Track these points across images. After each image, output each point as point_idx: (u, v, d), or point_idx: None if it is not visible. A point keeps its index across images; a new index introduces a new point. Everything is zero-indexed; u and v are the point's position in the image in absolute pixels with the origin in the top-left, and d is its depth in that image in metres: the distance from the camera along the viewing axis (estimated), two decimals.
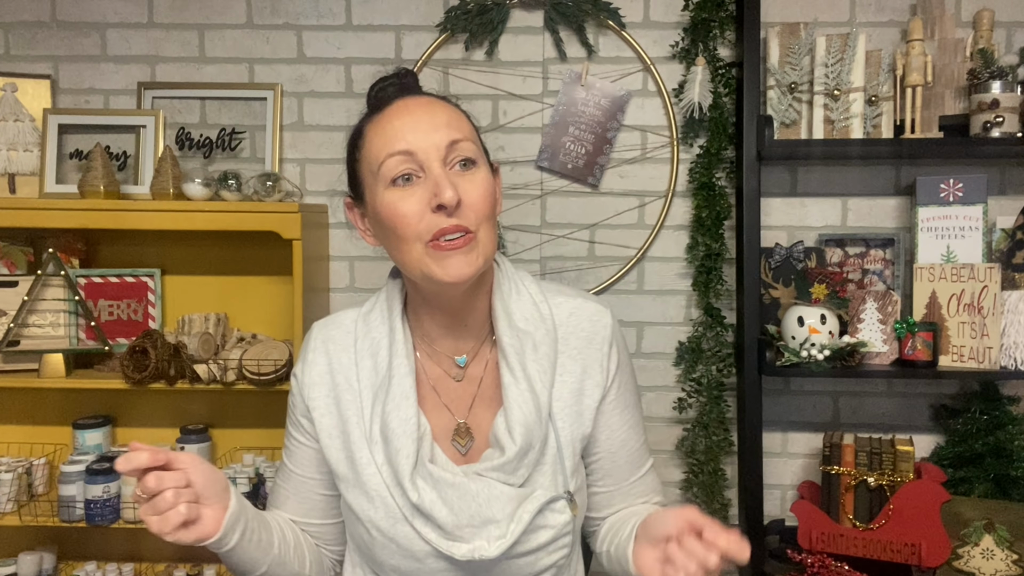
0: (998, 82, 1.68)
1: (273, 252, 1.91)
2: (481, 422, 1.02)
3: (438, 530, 0.95)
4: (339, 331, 1.06)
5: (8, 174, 1.93)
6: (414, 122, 0.94)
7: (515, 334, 1.00)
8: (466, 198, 0.92)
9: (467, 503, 0.95)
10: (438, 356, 1.04)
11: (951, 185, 1.76)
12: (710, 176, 1.90)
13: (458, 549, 0.94)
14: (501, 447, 0.97)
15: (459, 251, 0.91)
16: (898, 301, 1.77)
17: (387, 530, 0.97)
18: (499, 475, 0.96)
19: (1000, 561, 1.64)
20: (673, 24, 1.95)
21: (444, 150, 0.93)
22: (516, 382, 0.98)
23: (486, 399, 1.03)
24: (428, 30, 1.98)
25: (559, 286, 1.11)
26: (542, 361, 1.00)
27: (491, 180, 0.97)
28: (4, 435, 2.01)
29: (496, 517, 0.95)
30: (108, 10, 2.00)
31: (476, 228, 0.93)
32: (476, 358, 1.04)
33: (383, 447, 0.97)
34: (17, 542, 1.95)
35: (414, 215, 0.92)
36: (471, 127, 0.99)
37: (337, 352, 1.04)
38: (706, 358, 1.93)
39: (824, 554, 1.68)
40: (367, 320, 1.05)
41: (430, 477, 0.95)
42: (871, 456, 1.68)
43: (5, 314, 1.84)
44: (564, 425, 1.01)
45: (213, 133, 1.99)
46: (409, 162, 0.93)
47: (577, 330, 1.04)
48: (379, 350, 1.02)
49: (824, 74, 1.76)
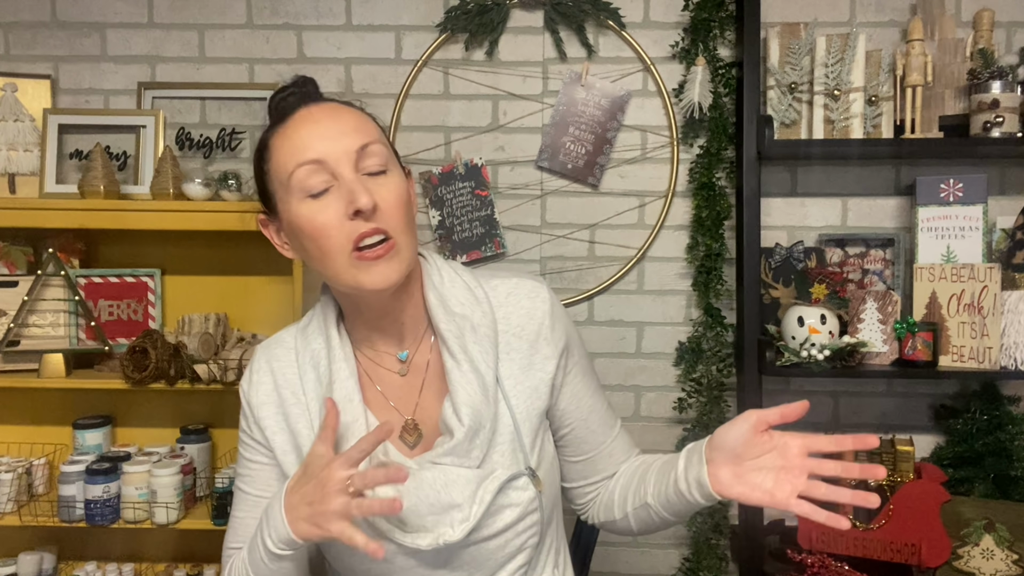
0: (998, 82, 1.68)
1: (273, 252, 1.87)
2: (432, 413, 1.02)
3: (401, 525, 0.95)
4: (280, 348, 1.06)
5: (8, 174, 1.93)
6: (321, 130, 0.93)
7: (452, 319, 1.00)
8: (382, 203, 0.91)
9: (425, 492, 0.94)
10: (380, 356, 1.04)
11: (951, 185, 1.76)
12: (710, 176, 1.90)
13: (422, 540, 0.94)
14: (451, 431, 0.97)
15: (382, 260, 0.92)
16: (898, 301, 1.77)
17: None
18: (452, 459, 0.96)
19: (1000, 561, 1.64)
20: (673, 24, 1.95)
21: (355, 155, 0.92)
22: (458, 365, 0.98)
23: (432, 390, 1.03)
24: (428, 30, 1.98)
25: (493, 271, 1.11)
26: (483, 342, 1.00)
27: (404, 184, 0.97)
28: (4, 435, 2.01)
29: (456, 501, 0.94)
30: (108, 10, 2.00)
31: (395, 233, 0.92)
32: (418, 351, 1.04)
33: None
34: (17, 542, 1.95)
35: (333, 225, 0.91)
36: (378, 130, 0.98)
37: (281, 368, 1.04)
38: (706, 358, 1.93)
39: (824, 554, 1.68)
40: (305, 334, 1.05)
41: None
42: (871, 456, 1.68)
43: (5, 314, 1.84)
44: (518, 402, 1.01)
45: (213, 133, 1.99)
46: (320, 171, 0.91)
47: (517, 308, 1.04)
48: (319, 360, 1.02)
49: (824, 74, 1.76)
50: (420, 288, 1.04)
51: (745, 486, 0.90)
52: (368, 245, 0.91)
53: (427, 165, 1.99)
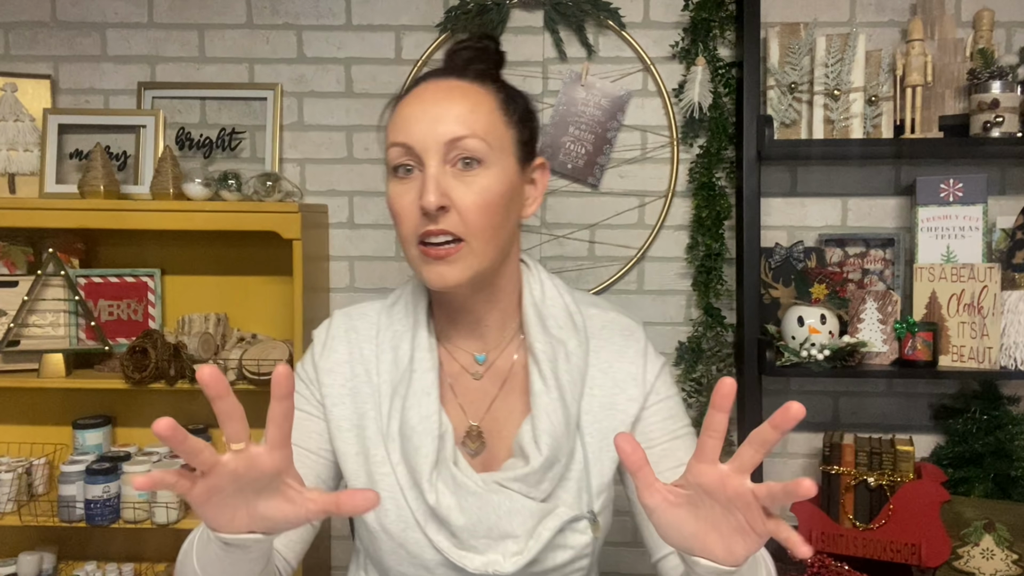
0: (998, 82, 1.68)
1: (273, 252, 1.91)
2: (502, 427, 0.97)
3: (452, 538, 0.91)
4: (363, 322, 1.02)
5: (8, 174, 1.93)
6: (421, 112, 0.88)
7: (549, 341, 0.96)
8: (459, 203, 0.86)
9: (486, 514, 0.90)
10: (457, 352, 1.00)
11: (951, 185, 1.76)
12: (710, 176, 1.90)
13: (471, 561, 0.90)
14: (525, 456, 0.92)
15: (443, 261, 0.87)
16: (898, 301, 1.77)
17: (397, 535, 0.93)
18: (521, 487, 0.91)
19: (1000, 561, 1.64)
20: (673, 24, 1.95)
21: (443, 147, 0.87)
22: (547, 390, 0.93)
23: (508, 402, 0.98)
24: (428, 30, 1.98)
25: (591, 297, 1.08)
26: (573, 372, 0.95)
27: (503, 181, 0.90)
28: (4, 435, 2.01)
29: (514, 532, 0.90)
30: (108, 10, 2.00)
31: (468, 236, 0.87)
32: (500, 357, 0.99)
33: (400, 445, 0.93)
34: (17, 542, 1.95)
35: (407, 213, 0.89)
36: (492, 118, 0.90)
37: (359, 342, 1.00)
38: (706, 358, 1.93)
39: (824, 554, 1.68)
40: (391, 312, 1.01)
41: (452, 481, 0.91)
42: (871, 456, 1.68)
43: (5, 314, 1.84)
44: (592, 441, 0.96)
45: (213, 133, 1.99)
46: (407, 155, 0.88)
47: (609, 344, 1.00)
48: (401, 343, 0.97)
49: (824, 74, 1.76)
50: (515, 295, 0.99)
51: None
52: (434, 243, 0.87)
53: None
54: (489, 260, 0.90)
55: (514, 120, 0.93)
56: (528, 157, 0.95)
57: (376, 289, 2.03)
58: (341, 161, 2.02)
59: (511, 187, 0.91)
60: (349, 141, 2.01)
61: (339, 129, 2.01)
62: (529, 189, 0.97)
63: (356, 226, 2.02)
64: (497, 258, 0.92)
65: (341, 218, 2.02)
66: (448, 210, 0.86)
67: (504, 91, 0.95)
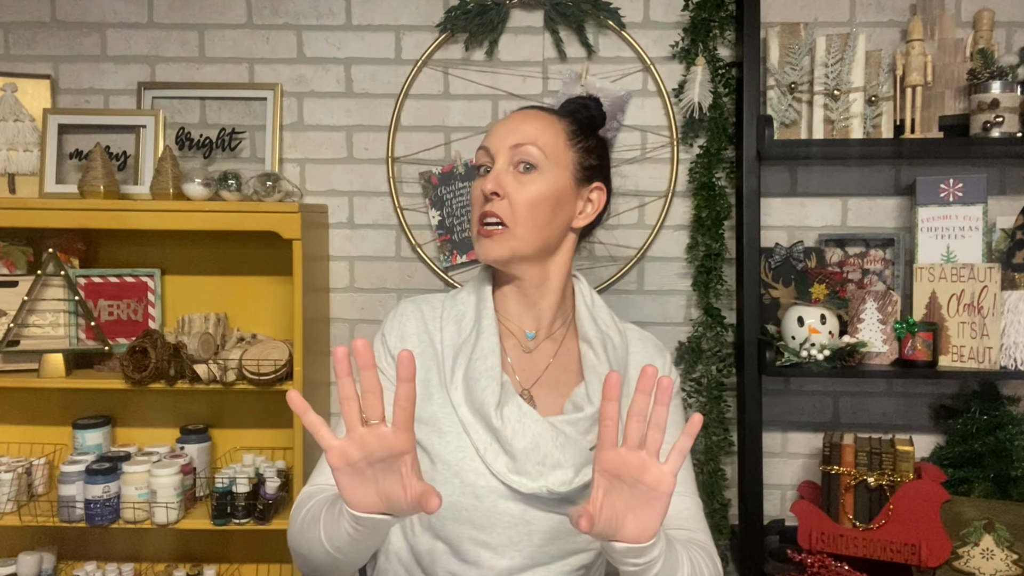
0: (998, 82, 1.68)
1: (273, 252, 1.91)
2: (549, 393, 1.10)
3: (510, 463, 1.02)
4: (427, 305, 1.17)
5: (8, 174, 1.93)
6: (504, 126, 1.10)
7: (598, 331, 1.13)
8: (513, 195, 1.06)
9: (545, 440, 1.02)
10: (512, 326, 1.15)
11: (951, 185, 1.76)
12: (710, 176, 1.90)
13: (524, 485, 1.00)
14: (580, 408, 1.06)
15: (489, 239, 1.07)
16: (898, 301, 1.77)
17: (454, 464, 1.03)
18: (573, 431, 1.04)
19: (1000, 561, 1.64)
20: (673, 24, 1.95)
21: (509, 150, 1.07)
22: (599, 363, 1.09)
23: (554, 374, 1.12)
24: (428, 30, 1.98)
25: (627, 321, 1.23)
26: (618, 356, 1.12)
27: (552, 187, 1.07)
28: (4, 435, 2.01)
29: (565, 463, 1.02)
30: (108, 10, 2.00)
31: (512, 223, 1.05)
32: (548, 339, 1.14)
33: (464, 389, 1.05)
34: (17, 542, 1.95)
35: (477, 198, 1.09)
36: (557, 140, 1.09)
37: (424, 320, 1.15)
38: (706, 358, 1.93)
39: (824, 554, 1.68)
40: (454, 298, 1.17)
41: (518, 410, 1.03)
42: (871, 456, 1.68)
43: (5, 314, 1.84)
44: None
45: (213, 133, 1.99)
46: (485, 155, 1.10)
47: (644, 355, 1.16)
48: (463, 318, 1.13)
49: (824, 74, 1.76)
50: (568, 293, 1.16)
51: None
52: (487, 223, 1.07)
53: (427, 165, 1.99)
54: (530, 247, 1.07)
55: (578, 147, 1.12)
56: (589, 180, 1.14)
57: (376, 289, 2.03)
58: (341, 161, 2.02)
59: (561, 195, 1.09)
60: (349, 141, 2.01)
61: (339, 129, 2.01)
62: (583, 204, 1.14)
63: (356, 226, 2.02)
64: (540, 248, 1.08)
65: (341, 218, 2.02)
66: (503, 199, 1.06)
67: (577, 124, 1.13)
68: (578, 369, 1.12)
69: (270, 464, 1.89)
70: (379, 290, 2.03)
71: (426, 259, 2.00)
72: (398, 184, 2.00)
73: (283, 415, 1.91)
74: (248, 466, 1.85)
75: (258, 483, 1.81)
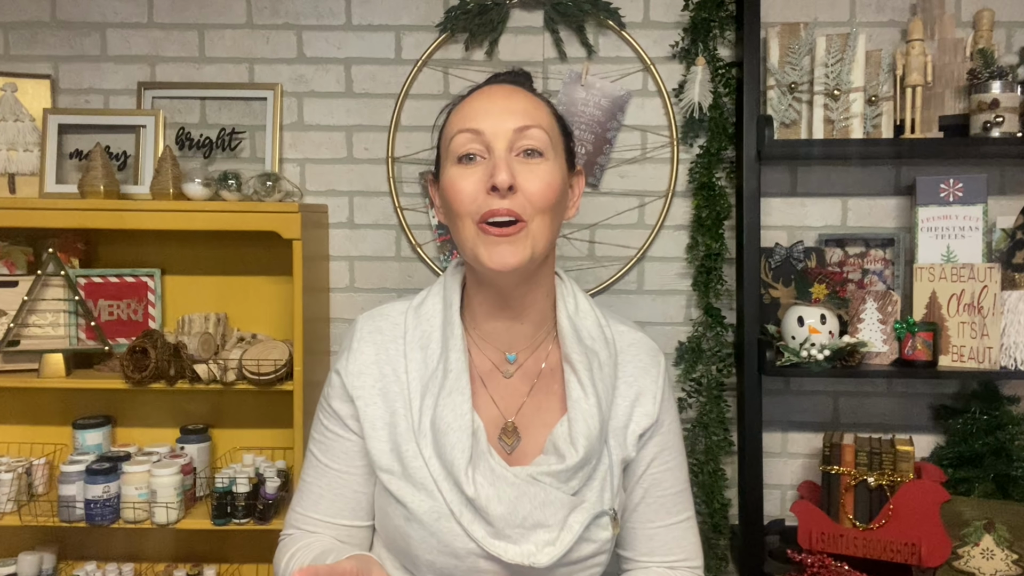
0: (998, 82, 1.68)
1: (273, 252, 1.91)
2: (535, 423, 1.02)
3: (488, 527, 0.94)
4: (387, 323, 1.05)
5: (8, 174, 1.93)
6: (489, 104, 0.96)
7: (583, 350, 1.01)
8: (525, 186, 0.92)
9: (522, 503, 0.94)
10: (488, 348, 1.04)
11: (951, 185, 1.76)
12: (710, 176, 1.90)
13: (506, 551, 0.93)
14: (560, 455, 0.97)
15: (506, 240, 0.92)
16: (898, 301, 1.77)
17: (429, 524, 0.95)
18: (553, 481, 0.96)
19: (1000, 561, 1.64)
20: (673, 24, 1.95)
21: (512, 134, 0.94)
22: (586, 397, 0.99)
23: (539, 400, 1.03)
24: (428, 30, 1.98)
25: (616, 315, 1.13)
26: (606, 380, 1.02)
27: (559, 176, 0.96)
28: (4, 435, 2.01)
29: (547, 522, 0.95)
30: (108, 10, 2.00)
31: (529, 218, 0.93)
32: (531, 358, 1.04)
33: (432, 440, 0.96)
34: (17, 542, 1.95)
35: (469, 193, 0.93)
36: (551, 120, 0.99)
37: (385, 343, 1.03)
38: (706, 358, 1.93)
39: (824, 554, 1.68)
40: (418, 313, 1.05)
41: (491, 473, 0.95)
42: (871, 456, 1.68)
43: (5, 314, 1.84)
44: (615, 444, 1.02)
45: (213, 133, 1.99)
46: (476, 141, 0.94)
47: (635, 359, 1.07)
48: (430, 343, 1.01)
49: (824, 74, 1.76)
50: (550, 300, 1.05)
51: None
52: (496, 222, 0.92)
53: (427, 165, 1.99)
54: (541, 247, 0.95)
55: (563, 130, 1.02)
56: (572, 166, 1.03)
57: (376, 289, 2.03)
58: (341, 161, 2.02)
59: (563, 183, 0.98)
60: (349, 141, 2.01)
61: (339, 129, 2.01)
62: (570, 193, 1.03)
63: (356, 226, 2.02)
64: (547, 248, 0.97)
65: (341, 218, 2.02)
66: (515, 191, 0.92)
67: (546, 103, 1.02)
68: (562, 393, 1.02)
69: (270, 464, 1.89)
70: (379, 290, 2.03)
71: (426, 259, 2.00)
72: (398, 184, 2.00)
73: (283, 415, 1.91)
74: (248, 466, 1.85)
75: (258, 483, 1.81)
